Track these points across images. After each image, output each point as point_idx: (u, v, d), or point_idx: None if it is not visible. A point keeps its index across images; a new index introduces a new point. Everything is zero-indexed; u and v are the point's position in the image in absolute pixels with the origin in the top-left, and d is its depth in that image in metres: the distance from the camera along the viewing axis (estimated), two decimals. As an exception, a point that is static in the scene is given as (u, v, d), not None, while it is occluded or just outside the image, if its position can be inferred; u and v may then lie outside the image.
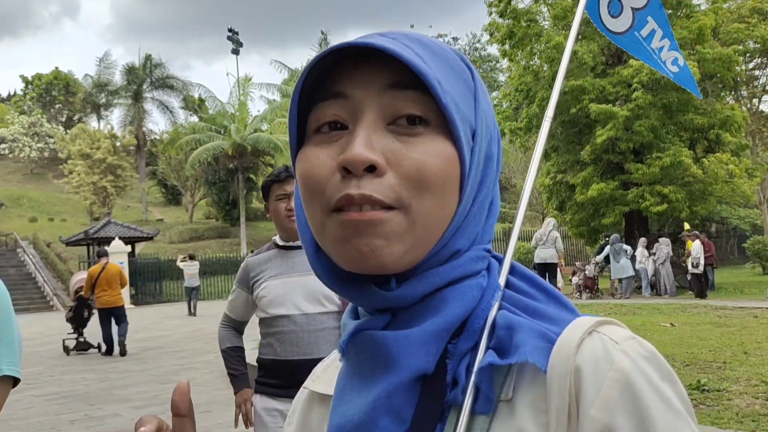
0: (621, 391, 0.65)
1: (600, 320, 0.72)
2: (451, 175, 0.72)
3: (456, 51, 0.79)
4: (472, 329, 0.74)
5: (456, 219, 0.74)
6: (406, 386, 0.72)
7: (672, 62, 1.20)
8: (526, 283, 0.81)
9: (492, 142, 0.79)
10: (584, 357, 0.67)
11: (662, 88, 20.48)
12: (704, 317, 12.64)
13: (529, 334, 0.71)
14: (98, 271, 14.40)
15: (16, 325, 1.95)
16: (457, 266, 0.76)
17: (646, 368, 0.67)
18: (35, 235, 45.86)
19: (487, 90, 0.82)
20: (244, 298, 3.40)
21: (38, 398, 9.93)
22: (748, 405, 6.51)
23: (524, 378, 0.71)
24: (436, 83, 0.70)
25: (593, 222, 23.01)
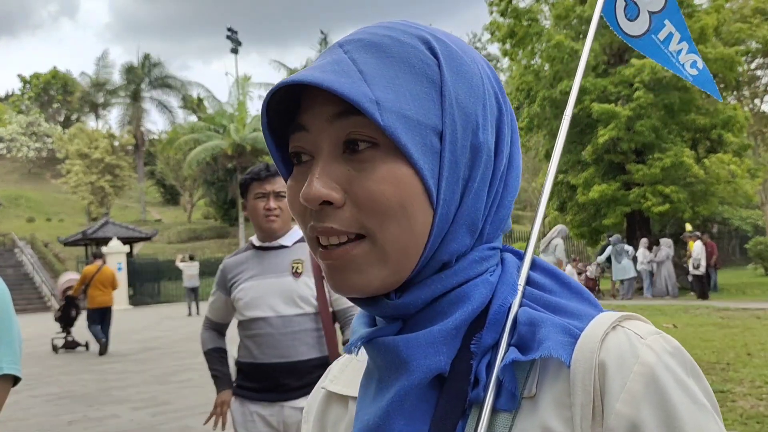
0: (646, 385, 0.65)
1: (624, 315, 0.72)
2: (411, 195, 0.71)
3: (425, 37, 0.76)
4: (492, 324, 0.74)
5: (436, 230, 0.73)
6: (420, 388, 0.72)
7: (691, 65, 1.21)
8: (549, 278, 0.80)
9: (479, 130, 0.75)
10: (609, 351, 0.67)
11: (664, 88, 20.46)
12: (707, 318, 12.61)
13: (552, 329, 0.71)
14: (94, 271, 14.87)
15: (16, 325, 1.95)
16: (459, 270, 0.76)
17: (671, 363, 0.67)
18: (33, 235, 45.86)
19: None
20: (223, 300, 3.33)
21: (36, 399, 9.88)
22: (752, 407, 6.50)
23: (547, 374, 0.71)
24: (372, 106, 0.69)
25: (594, 223, 22.99)
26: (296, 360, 3.07)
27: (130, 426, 7.97)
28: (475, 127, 0.74)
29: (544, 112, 22.81)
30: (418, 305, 0.75)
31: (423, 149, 0.71)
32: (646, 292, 20.79)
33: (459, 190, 0.74)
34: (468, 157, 0.74)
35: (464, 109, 0.74)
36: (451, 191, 0.73)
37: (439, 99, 0.73)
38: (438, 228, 0.73)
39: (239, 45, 55.49)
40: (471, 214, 0.75)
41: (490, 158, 0.76)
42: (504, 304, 0.75)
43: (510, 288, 0.76)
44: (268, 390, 3.07)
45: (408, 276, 0.74)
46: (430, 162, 0.72)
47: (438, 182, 0.72)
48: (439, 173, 0.72)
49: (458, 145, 0.73)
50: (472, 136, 0.74)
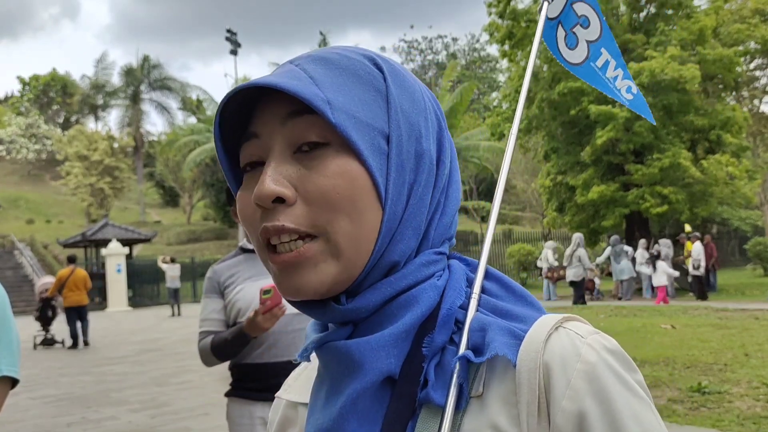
0: (589, 382, 0.69)
1: (565, 316, 0.76)
2: (361, 190, 0.74)
3: (370, 55, 0.81)
4: (442, 326, 0.76)
5: (385, 229, 0.76)
6: (372, 390, 0.75)
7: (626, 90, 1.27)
8: (495, 284, 0.83)
9: (422, 139, 0.79)
10: (553, 352, 0.71)
11: (662, 90, 20.45)
12: (705, 319, 12.61)
13: (498, 332, 0.74)
14: (67, 274, 16.61)
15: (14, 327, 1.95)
16: (407, 274, 0.78)
17: (609, 360, 0.71)
18: (32, 236, 45.83)
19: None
20: (220, 306, 3.21)
21: (35, 401, 9.88)
22: (749, 407, 6.50)
23: (494, 374, 0.74)
24: (323, 104, 0.72)
25: (593, 224, 22.99)
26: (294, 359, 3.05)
27: (128, 428, 7.97)
28: (418, 135, 0.79)
29: (543, 114, 22.82)
30: (369, 309, 0.76)
31: (372, 148, 0.75)
32: (645, 293, 20.79)
33: (405, 193, 0.77)
34: (413, 162, 0.78)
35: (408, 117, 0.78)
36: (397, 192, 0.76)
37: (386, 106, 0.77)
38: (386, 227, 0.75)
39: (239, 46, 55.49)
40: (416, 216, 0.78)
41: (432, 166, 0.80)
42: (452, 308, 0.78)
43: (457, 292, 0.79)
44: (265, 389, 3.02)
45: (358, 275, 0.76)
46: (378, 161, 0.75)
47: (386, 182, 0.75)
48: (387, 174, 0.75)
49: (404, 150, 0.77)
50: (416, 143, 0.78)
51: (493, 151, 35.04)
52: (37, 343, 17.23)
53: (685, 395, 7.09)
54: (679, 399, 6.97)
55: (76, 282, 16.53)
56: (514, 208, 50.11)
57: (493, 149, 34.40)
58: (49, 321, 17.26)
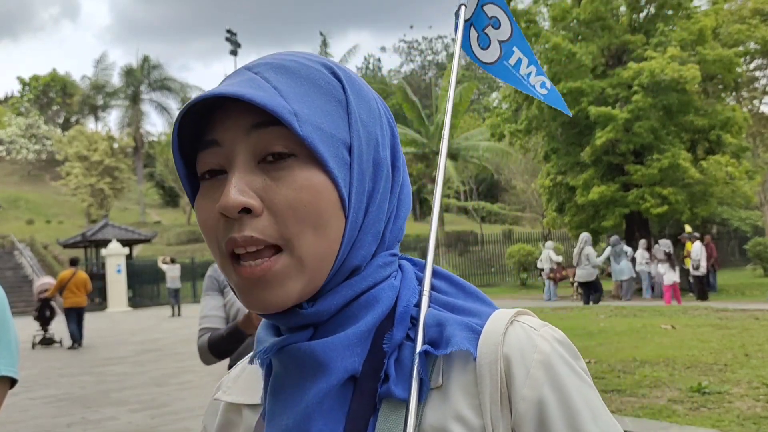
0: (546, 370, 0.74)
1: (518, 311, 0.81)
2: (327, 202, 0.75)
3: (327, 63, 0.82)
4: (399, 323, 0.80)
5: (347, 238, 0.77)
6: (336, 389, 0.77)
7: (540, 85, 1.30)
8: (445, 282, 0.87)
9: (379, 147, 0.81)
10: (511, 344, 0.76)
11: (662, 90, 20.45)
12: (705, 319, 12.59)
13: (457, 327, 0.78)
14: (69, 276, 16.90)
15: (13, 326, 1.95)
16: (366, 276, 0.80)
17: (560, 349, 0.77)
18: (32, 237, 45.81)
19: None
20: (220, 304, 3.24)
21: (35, 401, 9.88)
22: (749, 408, 6.49)
23: (454, 367, 0.78)
24: (291, 117, 0.73)
25: (593, 224, 22.98)
26: None
27: (128, 428, 7.97)
28: (376, 144, 0.81)
29: (543, 114, 22.82)
30: (331, 312, 0.78)
31: (336, 160, 0.76)
32: (645, 293, 20.79)
33: (365, 201, 0.79)
34: (371, 171, 0.80)
35: (366, 127, 0.80)
36: (359, 201, 0.78)
37: (346, 116, 0.79)
38: (348, 235, 0.77)
39: (238, 47, 55.56)
40: (376, 223, 0.81)
41: (389, 173, 0.83)
42: (408, 305, 0.81)
43: (411, 291, 0.83)
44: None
45: (322, 284, 0.78)
46: (342, 172, 0.76)
47: (349, 192, 0.77)
48: (350, 184, 0.77)
49: (364, 159, 0.79)
50: (374, 152, 0.81)
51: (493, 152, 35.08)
52: (36, 342, 17.55)
53: (685, 395, 7.08)
54: (679, 399, 6.97)
55: (77, 284, 16.86)
56: (514, 209, 50.09)
57: (493, 149, 34.45)
58: (47, 321, 17.65)
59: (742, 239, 31.12)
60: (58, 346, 17.59)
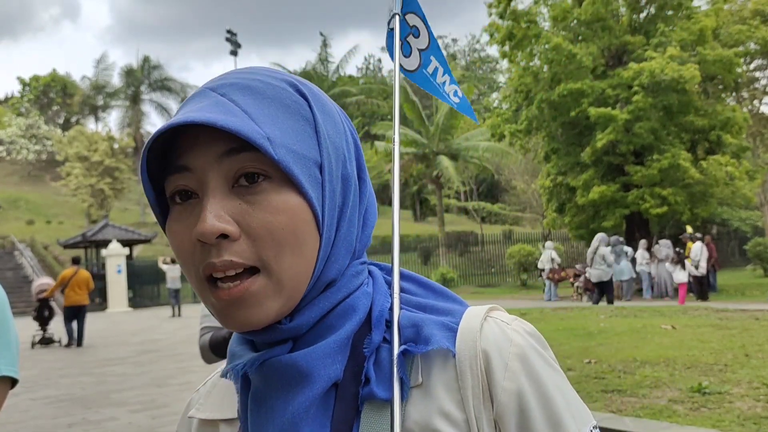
0: (522, 362, 0.78)
1: (489, 307, 0.84)
2: (302, 223, 0.76)
3: (291, 80, 0.82)
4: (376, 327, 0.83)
5: (322, 253, 0.79)
6: (321, 396, 0.78)
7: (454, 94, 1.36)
8: (412, 284, 0.90)
9: (346, 162, 0.83)
10: (487, 339, 0.79)
11: (662, 90, 20.45)
12: (705, 320, 12.59)
13: (434, 327, 0.81)
14: (71, 274, 17.02)
15: (13, 326, 1.95)
16: (341, 287, 0.83)
17: (532, 341, 0.81)
18: (32, 237, 45.81)
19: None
20: None
21: (35, 401, 9.88)
22: (749, 408, 6.49)
23: (433, 365, 0.80)
24: (265, 142, 0.73)
25: (593, 224, 22.98)
26: None
27: (129, 429, 7.97)
28: (343, 159, 0.83)
29: (543, 115, 22.82)
30: (310, 324, 0.80)
31: (309, 180, 0.77)
32: (645, 294, 20.78)
33: (336, 216, 0.81)
34: (341, 186, 0.82)
35: (334, 143, 0.81)
36: (331, 217, 0.80)
37: (315, 135, 0.79)
38: (323, 251, 0.79)
39: (239, 47, 55.48)
40: (348, 236, 0.83)
41: (356, 186, 0.85)
42: (383, 310, 0.84)
43: (383, 295, 0.86)
44: None
45: (297, 303, 0.79)
46: (315, 191, 0.78)
47: (322, 210, 0.78)
48: (323, 202, 0.79)
49: (333, 176, 0.80)
50: (342, 167, 0.82)
51: (493, 152, 35.06)
52: (35, 342, 17.72)
53: (685, 395, 7.08)
54: (680, 399, 6.97)
55: (79, 282, 17.02)
56: (515, 209, 50.10)
57: (493, 150, 34.43)
58: (46, 321, 17.86)
59: (742, 239, 31.11)
60: (57, 345, 17.80)
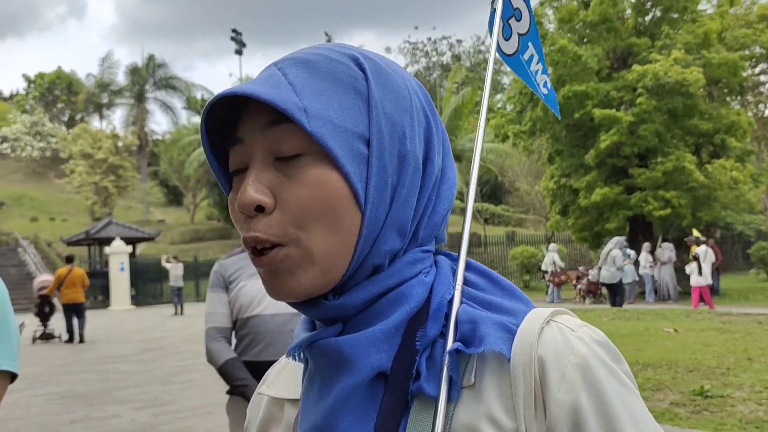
0: (582, 374, 0.72)
1: (555, 310, 0.78)
2: (338, 199, 0.75)
3: (354, 54, 0.81)
4: (433, 320, 0.78)
5: (366, 232, 0.76)
6: (364, 385, 0.76)
7: (544, 85, 1.32)
8: (481, 277, 0.85)
9: (406, 139, 0.79)
10: (546, 346, 0.73)
11: (667, 93, 20.43)
12: (708, 323, 12.60)
13: (491, 326, 0.76)
14: (65, 273, 17.61)
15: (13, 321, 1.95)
16: (394, 272, 0.79)
17: (600, 352, 0.74)
18: (36, 234, 45.86)
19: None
20: (225, 300, 3.23)
21: (37, 398, 9.89)
22: (751, 411, 6.50)
23: (487, 366, 0.76)
24: (299, 113, 0.73)
25: (597, 226, 22.96)
26: None
27: (131, 426, 7.98)
28: (401, 136, 0.78)
29: (547, 116, 22.80)
30: (357, 306, 0.78)
31: (350, 154, 0.75)
32: (648, 297, 20.77)
33: (388, 195, 0.77)
34: (396, 164, 0.78)
35: (390, 118, 0.78)
36: (379, 195, 0.77)
37: (366, 109, 0.77)
38: (368, 230, 0.76)
39: (243, 46, 55.58)
40: (400, 218, 0.79)
41: (417, 166, 0.80)
42: (442, 302, 0.79)
43: (446, 287, 0.81)
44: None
45: (340, 277, 0.77)
46: (357, 167, 0.76)
47: (366, 186, 0.76)
48: (367, 178, 0.76)
49: (386, 152, 0.77)
50: (399, 144, 0.78)
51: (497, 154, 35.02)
52: (36, 337, 18.00)
53: (687, 399, 7.08)
54: (682, 402, 6.97)
55: (74, 280, 17.53)
56: (518, 211, 50.05)
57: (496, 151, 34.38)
58: (47, 317, 18.22)
59: (745, 243, 31.03)
60: (57, 340, 18.13)
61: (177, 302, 25.90)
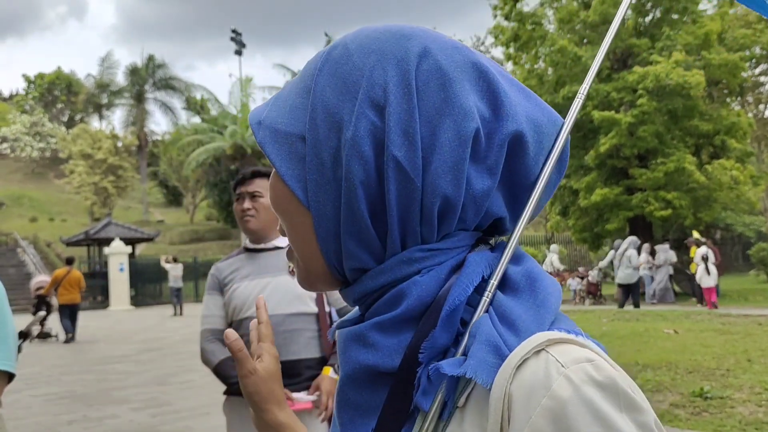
0: (554, 421, 0.60)
1: (555, 338, 0.65)
2: (282, 199, 0.78)
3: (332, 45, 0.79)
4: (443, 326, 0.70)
5: (319, 229, 0.75)
6: (355, 379, 0.74)
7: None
8: (523, 277, 0.74)
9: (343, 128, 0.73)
10: (521, 381, 0.62)
11: (667, 94, 20.43)
12: (708, 324, 12.58)
13: (482, 346, 0.67)
14: (63, 274, 18.15)
15: (10, 321, 1.94)
16: (385, 270, 0.75)
17: (593, 396, 0.60)
18: (35, 235, 45.90)
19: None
20: (221, 303, 3.24)
21: (36, 398, 9.88)
22: (751, 413, 6.49)
23: (477, 389, 0.68)
24: (255, 126, 0.79)
25: (597, 227, 22.94)
26: (287, 359, 3.02)
27: (130, 426, 7.97)
28: (339, 125, 0.73)
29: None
30: (354, 298, 0.79)
31: (289, 157, 0.76)
32: (649, 298, 20.75)
33: (333, 190, 0.73)
34: (337, 156, 0.73)
35: (329, 109, 0.74)
36: (323, 192, 0.74)
37: (306, 101, 0.77)
38: (321, 228, 0.75)
39: (243, 47, 55.53)
40: (354, 212, 0.73)
41: (359, 154, 0.72)
42: (456, 307, 0.71)
43: (461, 290, 0.71)
44: None
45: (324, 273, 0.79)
46: (294, 168, 0.76)
47: (305, 185, 0.76)
48: (305, 176, 0.75)
49: (323, 146, 0.74)
50: (338, 134, 0.73)
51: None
52: (33, 337, 18.16)
53: (687, 400, 7.07)
54: (681, 404, 6.96)
55: (71, 282, 18.14)
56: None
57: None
58: (43, 317, 18.60)
59: (745, 244, 31.02)
60: (54, 340, 18.49)
61: (176, 303, 25.94)
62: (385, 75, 0.73)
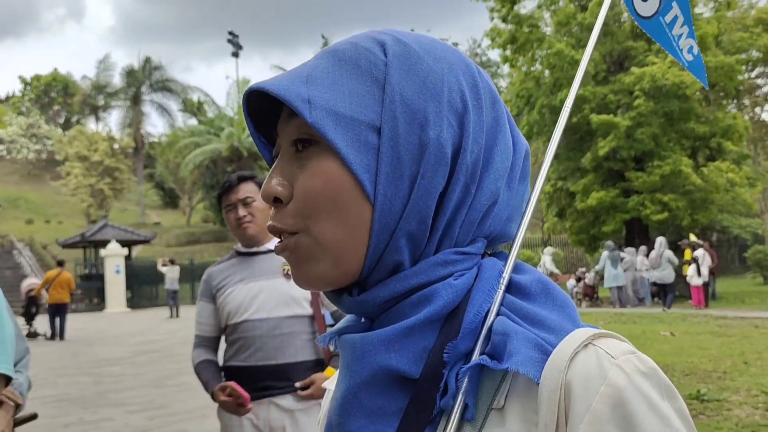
0: (613, 407, 0.63)
1: (599, 333, 0.70)
2: (339, 189, 0.73)
3: (382, 39, 0.78)
4: (468, 332, 0.72)
5: (378, 225, 0.74)
6: (378, 386, 0.73)
7: (688, 50, 1.18)
8: (536, 285, 0.76)
9: (428, 127, 0.74)
10: (576, 371, 0.66)
11: (664, 96, 20.46)
12: (705, 327, 12.60)
13: (523, 343, 0.69)
14: (54, 275, 19.52)
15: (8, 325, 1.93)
16: (419, 272, 0.75)
17: (642, 384, 0.65)
18: (31, 236, 45.82)
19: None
20: (210, 310, 3.24)
21: (32, 401, 9.79)
22: (747, 415, 6.49)
23: (517, 387, 0.70)
24: (301, 104, 0.72)
25: (593, 230, 22.96)
26: (282, 362, 3.03)
27: (126, 429, 7.96)
28: (423, 123, 0.74)
29: (543, 120, 22.80)
30: (378, 304, 0.75)
31: (356, 144, 0.73)
32: (646, 300, 20.77)
33: (404, 187, 0.74)
34: (416, 153, 0.73)
35: (410, 105, 0.74)
36: (393, 186, 0.73)
37: (381, 95, 0.75)
38: (380, 223, 0.73)
39: (240, 48, 55.63)
40: (420, 211, 0.74)
41: (442, 156, 0.74)
42: (479, 312, 0.73)
43: (485, 295, 0.74)
44: (255, 391, 3.00)
45: (357, 271, 0.76)
46: (363, 157, 0.73)
47: (375, 177, 0.73)
48: (377, 168, 0.73)
49: (400, 141, 0.73)
50: (420, 132, 0.74)
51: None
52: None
53: (684, 403, 7.08)
54: (678, 406, 6.96)
55: (61, 283, 19.39)
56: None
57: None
58: (32, 316, 20.12)
59: (742, 247, 31.06)
60: (42, 338, 19.47)
61: (172, 305, 25.91)
62: (459, 84, 0.77)
